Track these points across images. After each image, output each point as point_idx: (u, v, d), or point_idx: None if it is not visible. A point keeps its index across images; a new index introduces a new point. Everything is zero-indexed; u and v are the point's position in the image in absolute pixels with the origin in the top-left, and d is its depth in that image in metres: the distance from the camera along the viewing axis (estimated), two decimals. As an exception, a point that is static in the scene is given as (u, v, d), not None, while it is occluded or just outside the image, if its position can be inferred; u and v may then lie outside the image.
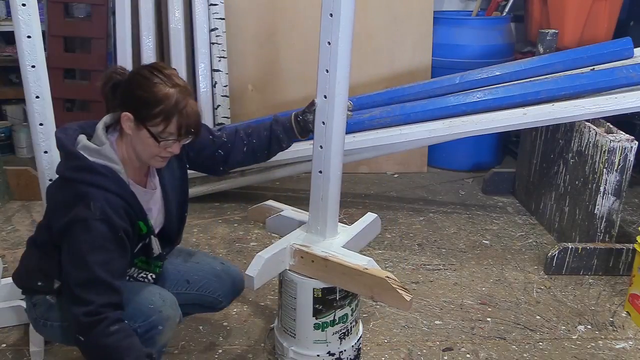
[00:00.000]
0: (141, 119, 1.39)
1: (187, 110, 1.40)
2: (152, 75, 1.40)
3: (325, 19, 1.53)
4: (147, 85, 1.39)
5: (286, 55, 3.46)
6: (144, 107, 1.38)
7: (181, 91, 1.41)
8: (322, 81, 1.59)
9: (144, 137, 1.41)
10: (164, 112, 1.38)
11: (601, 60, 2.68)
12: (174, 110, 1.39)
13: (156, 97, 1.38)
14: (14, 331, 2.04)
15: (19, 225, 2.85)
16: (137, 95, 1.39)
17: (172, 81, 1.41)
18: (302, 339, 1.74)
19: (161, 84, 1.39)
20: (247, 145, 1.71)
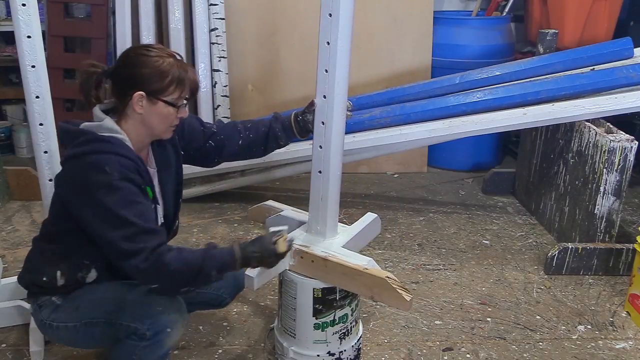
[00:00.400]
0: (154, 93, 1.44)
1: (190, 71, 1.49)
2: (148, 51, 1.46)
3: (324, 19, 1.53)
4: (148, 62, 1.44)
5: (286, 55, 3.46)
6: (154, 82, 1.44)
7: (176, 59, 1.48)
8: (321, 81, 1.59)
9: (160, 109, 1.46)
10: (175, 80, 1.45)
11: (601, 60, 2.68)
12: (183, 74, 1.46)
13: (163, 69, 1.44)
14: (14, 331, 2.04)
15: (19, 225, 2.85)
16: (143, 73, 1.43)
17: (166, 51, 1.48)
18: (302, 339, 1.74)
19: (160, 56, 1.45)
20: (243, 139, 1.73)
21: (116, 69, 1.49)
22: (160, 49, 1.48)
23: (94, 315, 1.50)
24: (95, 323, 1.50)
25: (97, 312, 1.50)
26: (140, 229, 1.37)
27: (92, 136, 1.43)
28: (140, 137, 1.50)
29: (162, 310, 1.47)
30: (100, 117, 1.47)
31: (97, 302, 1.51)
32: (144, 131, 1.50)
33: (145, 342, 1.45)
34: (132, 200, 1.39)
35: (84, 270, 1.52)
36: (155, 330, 1.45)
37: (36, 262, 1.55)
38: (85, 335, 1.52)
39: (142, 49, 1.48)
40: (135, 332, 1.45)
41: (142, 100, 1.44)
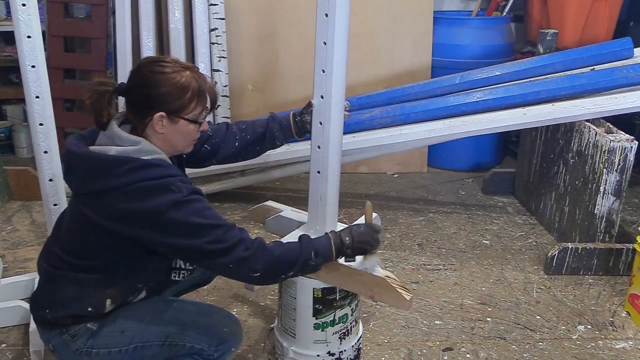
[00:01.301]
0: (175, 112, 1.39)
1: (208, 83, 1.45)
2: (163, 67, 1.39)
3: (320, 19, 1.52)
4: (165, 80, 1.38)
5: (286, 55, 3.46)
6: (174, 100, 1.38)
7: (193, 71, 1.43)
8: (318, 81, 1.59)
9: (182, 127, 1.41)
10: (195, 96, 1.40)
11: (601, 60, 2.68)
12: (202, 88, 1.42)
13: (182, 86, 1.38)
14: (14, 331, 2.04)
15: (19, 225, 2.85)
16: (161, 93, 1.37)
17: (181, 64, 1.42)
18: (302, 339, 1.74)
19: (175, 72, 1.39)
20: (239, 141, 1.72)
21: (131, 88, 1.41)
22: (175, 63, 1.41)
23: (147, 338, 1.46)
24: (149, 346, 1.46)
25: (151, 334, 1.46)
26: (228, 226, 1.39)
27: (141, 163, 1.34)
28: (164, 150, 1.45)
29: (229, 331, 1.50)
30: (133, 140, 1.38)
31: (150, 325, 1.47)
32: (166, 148, 1.44)
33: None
34: (207, 207, 1.38)
35: (136, 293, 1.49)
36: (222, 351, 1.49)
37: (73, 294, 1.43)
38: (134, 358, 1.47)
39: (157, 65, 1.40)
40: (200, 353, 1.46)
41: (162, 120, 1.39)
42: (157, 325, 1.47)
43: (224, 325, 1.51)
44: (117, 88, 1.41)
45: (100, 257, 1.42)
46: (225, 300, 2.24)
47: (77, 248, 1.43)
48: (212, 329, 1.49)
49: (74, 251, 1.44)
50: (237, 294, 2.29)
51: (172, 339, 1.46)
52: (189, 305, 1.56)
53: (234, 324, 1.54)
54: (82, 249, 1.43)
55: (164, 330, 1.46)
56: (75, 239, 1.43)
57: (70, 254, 1.44)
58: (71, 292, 1.43)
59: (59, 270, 1.45)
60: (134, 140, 1.38)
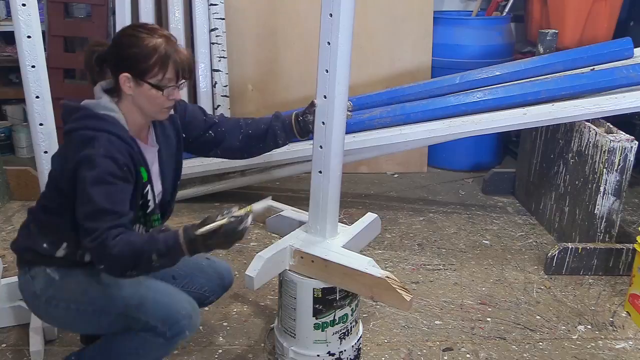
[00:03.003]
0: (139, 75, 1.43)
1: (178, 54, 1.46)
2: (137, 32, 1.45)
3: (324, 19, 1.53)
4: (135, 42, 1.43)
5: (286, 55, 3.46)
6: (139, 62, 1.43)
7: (167, 39, 1.46)
8: (321, 81, 1.59)
9: (146, 91, 1.45)
10: (159, 61, 1.43)
11: (601, 60, 2.68)
12: (167, 56, 1.44)
13: (148, 50, 1.42)
14: (14, 331, 2.04)
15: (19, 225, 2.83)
16: (129, 54, 1.43)
17: (157, 32, 1.46)
18: (302, 339, 1.74)
19: (148, 36, 1.44)
20: (243, 135, 1.73)
21: (109, 48, 1.49)
22: (153, 30, 1.46)
23: (106, 305, 1.50)
24: (107, 312, 1.50)
25: (112, 303, 1.50)
26: (100, 209, 1.36)
27: (87, 112, 1.45)
28: (135, 117, 1.50)
29: (186, 314, 1.51)
30: (98, 96, 1.49)
31: (114, 293, 1.51)
32: (137, 111, 1.50)
33: (161, 340, 1.49)
34: (104, 180, 1.37)
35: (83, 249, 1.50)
36: (175, 332, 1.49)
37: (36, 230, 1.55)
38: (90, 321, 1.52)
39: (135, 29, 1.47)
40: (153, 329, 1.48)
41: (129, 81, 1.44)
42: (119, 293, 1.51)
43: (182, 308, 1.51)
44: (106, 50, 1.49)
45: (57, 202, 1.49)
46: (225, 300, 2.24)
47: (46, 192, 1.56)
48: (169, 309, 1.50)
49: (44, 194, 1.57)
50: (237, 294, 2.29)
51: (129, 311, 1.49)
52: (152, 282, 1.56)
53: (193, 310, 1.54)
54: (47, 193, 1.54)
55: (124, 301, 1.50)
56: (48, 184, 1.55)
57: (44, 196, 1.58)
58: (33, 228, 1.56)
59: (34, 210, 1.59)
60: (99, 95, 1.49)
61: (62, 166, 1.46)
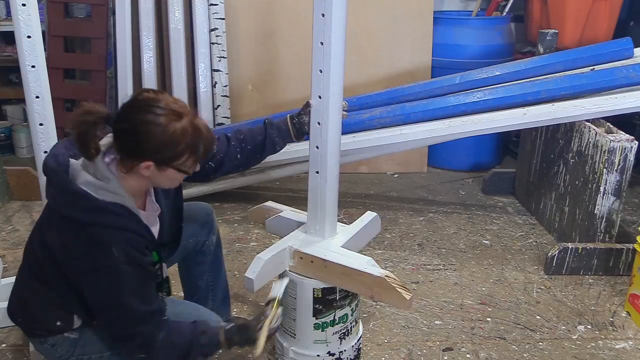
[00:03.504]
0: (164, 162, 1.33)
1: (204, 132, 1.35)
2: (155, 117, 1.28)
3: (317, 20, 1.52)
4: (157, 131, 1.28)
5: (286, 55, 3.47)
6: (165, 151, 1.31)
7: (190, 117, 1.33)
8: (316, 82, 1.59)
9: (170, 174, 1.36)
10: (188, 147, 1.32)
11: (601, 60, 2.68)
12: (196, 139, 1.33)
13: (174, 138, 1.29)
14: (14, 331, 2.04)
15: (19, 225, 2.85)
16: (153, 144, 1.29)
17: (176, 112, 1.30)
18: (302, 339, 1.74)
19: (169, 121, 1.29)
20: (241, 152, 1.67)
21: (120, 131, 1.31)
22: (168, 109, 1.29)
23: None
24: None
25: None
26: (139, 314, 1.33)
27: (96, 204, 1.29)
28: (142, 187, 1.41)
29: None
30: (105, 176, 1.31)
31: None
32: (147, 184, 1.41)
33: None
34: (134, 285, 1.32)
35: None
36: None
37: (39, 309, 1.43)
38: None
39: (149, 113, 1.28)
40: None
41: (149, 168, 1.32)
42: None
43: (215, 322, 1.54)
44: (106, 119, 1.31)
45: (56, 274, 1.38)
46: (225, 300, 2.24)
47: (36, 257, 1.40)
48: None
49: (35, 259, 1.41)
50: (237, 294, 2.29)
51: None
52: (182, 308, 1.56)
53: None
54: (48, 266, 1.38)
55: None
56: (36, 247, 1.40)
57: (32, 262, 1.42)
58: (37, 307, 1.42)
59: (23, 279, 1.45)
60: (105, 176, 1.31)
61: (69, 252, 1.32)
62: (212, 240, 1.84)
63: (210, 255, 1.84)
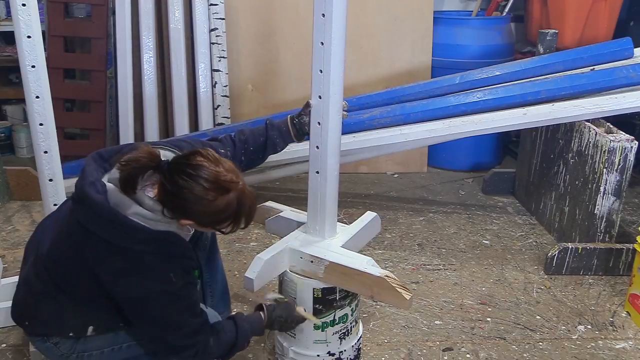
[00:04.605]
0: (205, 225, 1.38)
1: (247, 206, 1.37)
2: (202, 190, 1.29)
3: (317, 19, 1.52)
4: (203, 203, 1.30)
5: (286, 55, 3.46)
6: (207, 220, 1.36)
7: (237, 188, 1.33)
8: (316, 82, 1.59)
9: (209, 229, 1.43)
10: (230, 218, 1.36)
11: (601, 60, 2.68)
12: (240, 211, 1.36)
13: (218, 210, 1.32)
14: (14, 331, 2.04)
15: (19, 225, 2.85)
16: (196, 213, 1.32)
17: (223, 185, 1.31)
18: (302, 339, 1.74)
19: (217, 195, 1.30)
20: (244, 154, 1.67)
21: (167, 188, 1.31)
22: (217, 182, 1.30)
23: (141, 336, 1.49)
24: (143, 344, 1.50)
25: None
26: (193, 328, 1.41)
27: (150, 236, 1.32)
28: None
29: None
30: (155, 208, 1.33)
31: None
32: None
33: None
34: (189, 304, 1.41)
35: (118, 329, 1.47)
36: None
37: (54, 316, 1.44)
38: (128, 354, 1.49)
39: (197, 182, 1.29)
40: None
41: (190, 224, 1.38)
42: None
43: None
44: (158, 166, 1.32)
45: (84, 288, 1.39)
46: (225, 300, 2.24)
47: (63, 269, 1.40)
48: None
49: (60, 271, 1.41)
50: (237, 294, 2.29)
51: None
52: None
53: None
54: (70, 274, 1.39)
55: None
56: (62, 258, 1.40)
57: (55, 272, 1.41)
58: (52, 314, 1.43)
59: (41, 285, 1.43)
60: (154, 207, 1.33)
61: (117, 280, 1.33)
62: (207, 235, 1.83)
63: (205, 251, 1.84)
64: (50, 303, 1.43)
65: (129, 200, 1.32)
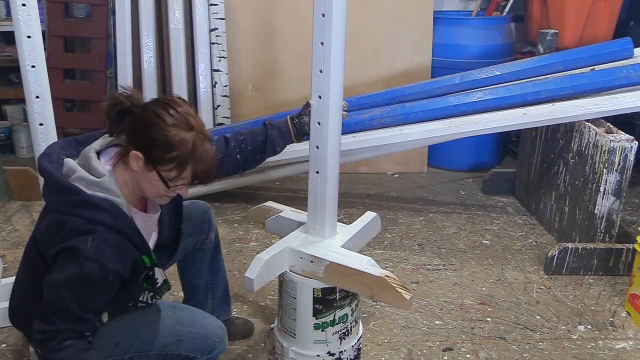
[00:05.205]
0: (152, 161, 1.31)
1: (203, 156, 1.33)
2: (166, 115, 1.30)
3: (317, 19, 1.52)
4: (161, 127, 1.29)
5: (286, 55, 3.47)
6: (157, 150, 1.30)
7: (198, 135, 1.32)
8: (316, 82, 1.59)
9: (152, 179, 1.33)
10: (178, 158, 1.30)
11: (601, 60, 2.68)
12: (190, 156, 1.31)
13: (171, 142, 1.29)
14: (14, 331, 2.04)
15: (19, 225, 2.85)
16: (150, 137, 1.30)
17: (189, 123, 1.31)
18: (302, 339, 1.74)
19: (177, 126, 1.30)
20: (240, 153, 1.66)
21: (133, 116, 1.33)
22: (185, 117, 1.31)
23: (143, 348, 1.45)
24: (145, 355, 1.46)
25: (147, 344, 1.45)
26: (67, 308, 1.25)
27: (84, 198, 1.27)
28: (134, 191, 1.39)
29: (219, 341, 1.52)
30: (99, 172, 1.30)
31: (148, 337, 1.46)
32: (136, 187, 1.38)
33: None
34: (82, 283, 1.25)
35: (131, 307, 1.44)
36: (212, 357, 1.51)
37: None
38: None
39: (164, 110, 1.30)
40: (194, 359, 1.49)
41: (138, 160, 1.31)
42: (154, 335, 1.46)
43: (215, 335, 1.51)
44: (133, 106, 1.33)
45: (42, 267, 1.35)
46: (225, 300, 2.24)
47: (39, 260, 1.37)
48: (205, 340, 1.50)
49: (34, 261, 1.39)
50: (237, 294, 2.29)
51: (168, 349, 1.46)
52: (184, 314, 1.54)
53: (223, 333, 1.55)
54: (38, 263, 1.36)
55: (160, 341, 1.46)
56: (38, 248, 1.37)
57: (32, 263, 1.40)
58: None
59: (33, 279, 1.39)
60: (99, 172, 1.31)
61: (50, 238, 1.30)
62: (211, 238, 1.83)
63: (208, 254, 1.84)
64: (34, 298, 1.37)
65: (78, 167, 1.31)
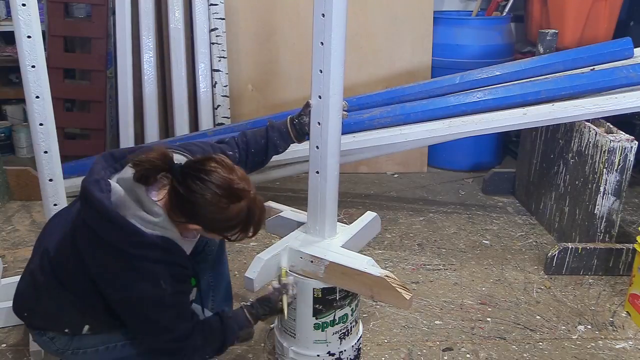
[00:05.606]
0: (213, 231, 1.38)
1: (257, 216, 1.39)
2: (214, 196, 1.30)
3: (317, 19, 1.52)
4: (213, 210, 1.31)
5: (286, 55, 3.47)
6: (216, 226, 1.36)
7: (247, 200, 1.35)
8: (316, 82, 1.59)
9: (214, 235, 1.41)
10: (239, 225, 1.37)
11: (601, 60, 2.68)
12: (249, 222, 1.38)
13: (228, 219, 1.34)
14: (14, 331, 2.04)
15: (19, 225, 2.85)
16: (206, 218, 1.33)
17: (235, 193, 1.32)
18: (302, 339, 1.74)
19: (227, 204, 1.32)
20: (247, 156, 1.68)
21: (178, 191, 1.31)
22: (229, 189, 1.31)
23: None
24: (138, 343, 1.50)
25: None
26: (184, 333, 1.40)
27: (145, 240, 1.31)
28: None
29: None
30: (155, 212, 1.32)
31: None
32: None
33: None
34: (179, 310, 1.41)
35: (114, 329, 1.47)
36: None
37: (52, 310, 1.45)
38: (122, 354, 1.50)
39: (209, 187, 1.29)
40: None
41: (198, 229, 1.38)
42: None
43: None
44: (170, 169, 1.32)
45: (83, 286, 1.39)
46: (225, 300, 2.24)
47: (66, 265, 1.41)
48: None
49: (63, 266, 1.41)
50: (237, 294, 2.29)
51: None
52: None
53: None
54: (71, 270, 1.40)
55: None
56: (66, 254, 1.40)
57: (58, 267, 1.42)
58: (50, 308, 1.44)
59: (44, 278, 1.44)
60: (155, 212, 1.33)
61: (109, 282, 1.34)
62: (215, 240, 1.84)
63: (211, 255, 1.85)
64: (50, 298, 1.44)
65: (130, 202, 1.32)
